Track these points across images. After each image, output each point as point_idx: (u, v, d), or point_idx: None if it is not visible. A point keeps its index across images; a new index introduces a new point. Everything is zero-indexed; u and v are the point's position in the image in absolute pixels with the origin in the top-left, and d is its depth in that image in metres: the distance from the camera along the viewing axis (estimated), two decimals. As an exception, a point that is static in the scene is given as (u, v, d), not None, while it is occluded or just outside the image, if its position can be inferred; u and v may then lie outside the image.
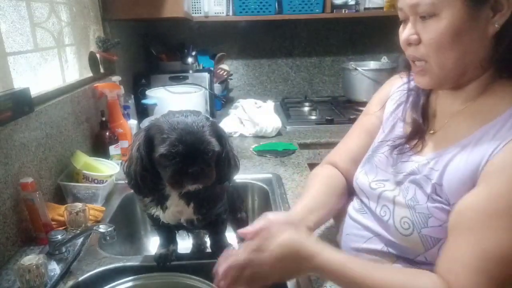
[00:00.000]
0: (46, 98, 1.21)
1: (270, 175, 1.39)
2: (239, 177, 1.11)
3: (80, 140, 1.39)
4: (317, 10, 2.27)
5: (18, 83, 1.09)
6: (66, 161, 1.24)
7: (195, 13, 2.27)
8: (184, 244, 1.10)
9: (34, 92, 1.15)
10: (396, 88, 0.89)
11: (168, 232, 0.94)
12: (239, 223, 1.10)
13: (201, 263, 0.93)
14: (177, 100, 1.91)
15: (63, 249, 0.93)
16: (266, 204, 1.27)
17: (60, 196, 1.19)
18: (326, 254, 0.67)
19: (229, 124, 1.94)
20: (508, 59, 0.65)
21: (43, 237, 0.99)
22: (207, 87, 2.07)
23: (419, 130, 0.77)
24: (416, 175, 0.73)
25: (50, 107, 1.18)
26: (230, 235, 1.11)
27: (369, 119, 0.94)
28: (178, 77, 2.10)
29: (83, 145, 1.40)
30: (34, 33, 1.25)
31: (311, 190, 0.90)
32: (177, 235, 0.97)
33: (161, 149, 0.69)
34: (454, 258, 0.63)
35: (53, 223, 1.04)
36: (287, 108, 2.34)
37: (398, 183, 0.77)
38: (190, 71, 2.15)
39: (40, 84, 1.27)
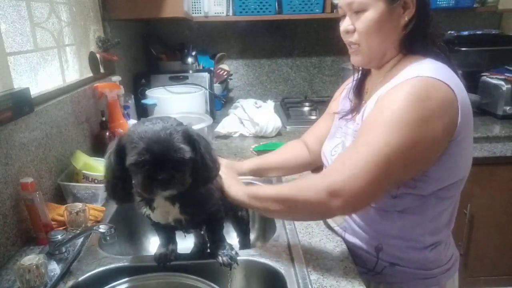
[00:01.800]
0: (46, 98, 1.21)
1: (270, 175, 1.39)
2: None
3: (80, 140, 1.39)
4: (317, 10, 2.27)
5: (18, 83, 1.09)
6: (66, 161, 1.24)
7: (195, 13, 2.27)
8: (185, 244, 1.10)
9: (34, 92, 1.15)
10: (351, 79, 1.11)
11: (167, 232, 0.94)
12: (240, 221, 1.10)
13: (201, 263, 0.93)
14: (177, 100, 1.91)
15: (63, 249, 0.93)
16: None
17: (60, 196, 1.19)
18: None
19: (229, 124, 1.94)
20: (408, 41, 0.90)
21: (43, 237, 0.99)
22: (207, 87, 2.07)
23: (357, 106, 1.02)
24: (353, 136, 0.97)
25: (50, 107, 1.18)
26: (231, 236, 1.11)
27: (331, 105, 1.21)
28: (178, 77, 2.10)
29: (83, 145, 1.40)
30: (34, 33, 1.25)
31: (274, 154, 1.28)
32: (176, 235, 0.97)
33: (130, 159, 0.70)
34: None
35: (53, 223, 1.04)
36: (287, 108, 2.34)
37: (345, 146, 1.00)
38: (190, 71, 2.15)
39: (40, 84, 1.27)
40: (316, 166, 1.24)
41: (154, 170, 0.70)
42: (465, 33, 2.33)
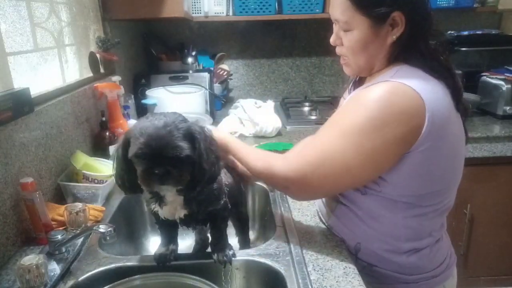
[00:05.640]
0: (46, 98, 1.21)
1: (270, 175, 1.38)
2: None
3: (80, 140, 1.39)
4: (317, 10, 2.27)
5: (18, 83, 1.09)
6: (66, 161, 1.24)
7: (195, 13, 2.27)
8: (185, 243, 1.10)
9: (34, 92, 1.15)
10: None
11: (170, 232, 0.94)
12: (240, 218, 1.10)
13: (201, 263, 0.93)
14: (177, 100, 1.91)
15: (63, 249, 0.93)
16: (266, 204, 1.27)
17: (60, 196, 1.19)
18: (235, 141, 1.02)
19: (229, 124, 1.94)
20: (400, 53, 0.88)
21: (43, 237, 0.99)
22: (207, 87, 2.07)
23: None
24: None
25: (50, 107, 1.18)
26: (231, 234, 1.11)
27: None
28: (178, 77, 2.10)
29: (83, 145, 1.40)
30: (34, 33, 1.25)
31: None
32: (178, 235, 0.97)
33: (130, 151, 0.74)
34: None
35: (53, 223, 1.04)
36: (287, 108, 2.34)
37: None
38: (190, 71, 2.15)
39: (40, 84, 1.27)
40: None
41: (153, 164, 0.73)
42: (465, 33, 2.33)
